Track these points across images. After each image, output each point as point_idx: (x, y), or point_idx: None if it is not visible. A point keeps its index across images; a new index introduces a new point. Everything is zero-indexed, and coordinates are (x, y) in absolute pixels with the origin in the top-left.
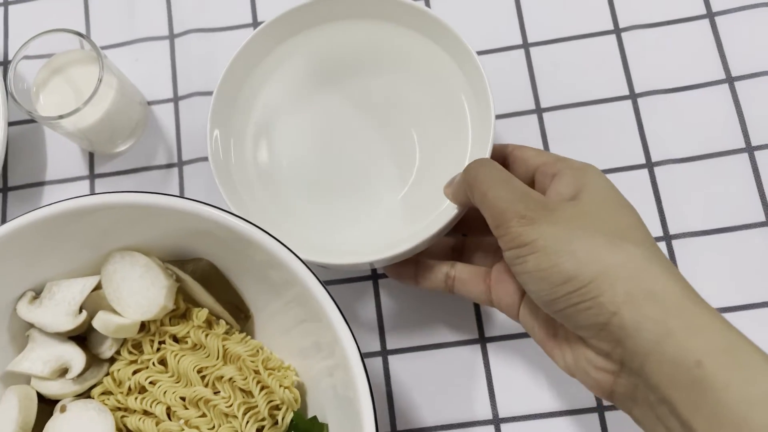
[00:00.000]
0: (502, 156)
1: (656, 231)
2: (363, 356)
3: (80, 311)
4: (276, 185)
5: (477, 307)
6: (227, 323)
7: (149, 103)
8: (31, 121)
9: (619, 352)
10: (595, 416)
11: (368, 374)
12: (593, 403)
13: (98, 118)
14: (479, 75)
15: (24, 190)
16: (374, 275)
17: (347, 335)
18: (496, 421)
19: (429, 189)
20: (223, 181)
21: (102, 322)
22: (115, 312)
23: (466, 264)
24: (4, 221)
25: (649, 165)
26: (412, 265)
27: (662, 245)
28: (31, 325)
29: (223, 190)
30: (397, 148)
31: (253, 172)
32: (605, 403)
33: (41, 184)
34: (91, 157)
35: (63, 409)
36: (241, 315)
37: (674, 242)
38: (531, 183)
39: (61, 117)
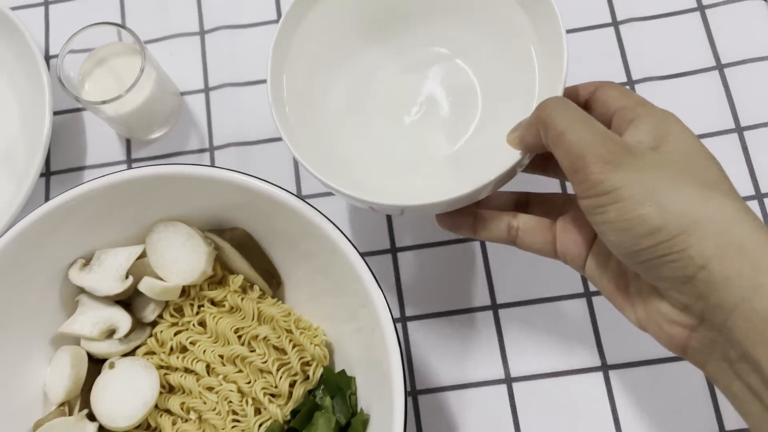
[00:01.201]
0: (576, 97)
1: None
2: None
3: (127, 277)
4: (329, 130)
5: (489, 277)
6: (260, 289)
7: (182, 94)
8: (73, 110)
9: (700, 306)
10: (599, 374)
11: (398, 334)
12: (597, 363)
13: (138, 105)
14: (549, 11)
15: (65, 174)
16: (393, 249)
17: (380, 298)
18: (509, 380)
19: (490, 137)
20: (280, 117)
21: (148, 285)
22: (158, 278)
23: (530, 215)
24: None
25: None
26: (470, 215)
27: None
28: (81, 291)
29: (281, 127)
30: (457, 95)
31: (307, 115)
32: (610, 362)
33: (81, 168)
34: (127, 144)
35: (112, 366)
36: (273, 281)
37: None
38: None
39: (104, 102)
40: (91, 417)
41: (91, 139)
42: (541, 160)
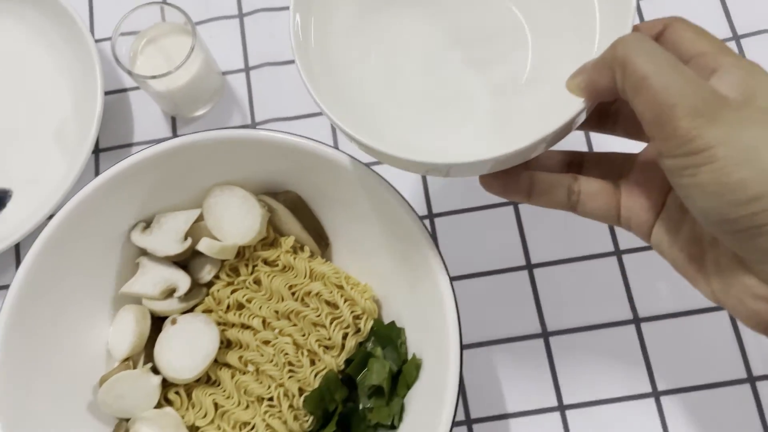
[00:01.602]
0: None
1: None
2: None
3: (185, 239)
4: (358, 82)
5: (522, 236)
6: (310, 250)
7: (224, 73)
8: (119, 91)
9: None
10: (651, 401)
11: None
12: (648, 389)
13: (186, 81)
14: None
15: (114, 151)
16: (430, 214)
17: (436, 255)
18: (546, 334)
19: (542, 86)
20: (305, 67)
21: (207, 244)
22: (215, 239)
23: (592, 177)
24: None
25: None
26: (525, 178)
27: None
28: (141, 253)
29: (306, 77)
30: (501, 39)
31: (339, 66)
32: (662, 389)
33: (129, 145)
34: (173, 121)
35: (174, 322)
36: (322, 242)
37: None
38: None
39: (155, 77)
40: (154, 371)
41: (138, 118)
42: (598, 115)
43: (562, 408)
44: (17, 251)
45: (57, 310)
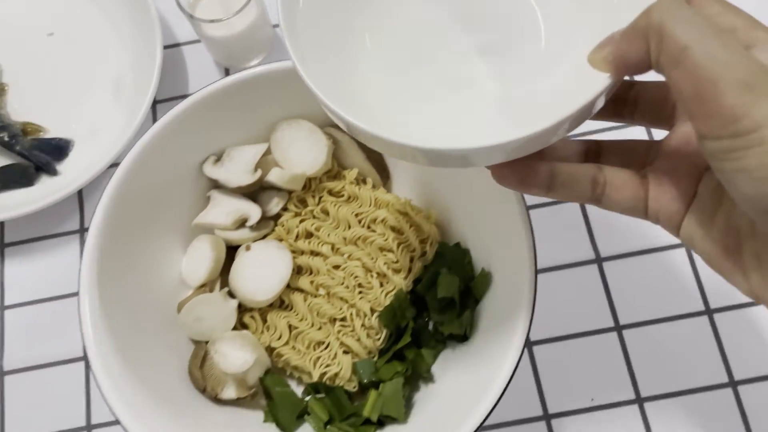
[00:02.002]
0: None
1: None
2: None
3: (255, 170)
4: (353, 62)
5: (588, 226)
6: (373, 181)
7: (274, 26)
8: (173, 45)
9: None
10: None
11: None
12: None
13: (242, 29)
14: None
15: (169, 102)
16: None
17: None
18: (618, 328)
19: (557, 66)
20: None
21: (278, 174)
22: None
23: (617, 167)
24: None
25: None
26: (545, 170)
27: None
28: (212, 187)
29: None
30: (514, 24)
31: (327, 44)
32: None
33: (184, 96)
34: (226, 73)
35: (248, 248)
36: (384, 173)
37: None
38: None
39: (214, 21)
40: (230, 296)
41: (192, 71)
42: (614, 102)
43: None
44: (80, 198)
45: (134, 242)
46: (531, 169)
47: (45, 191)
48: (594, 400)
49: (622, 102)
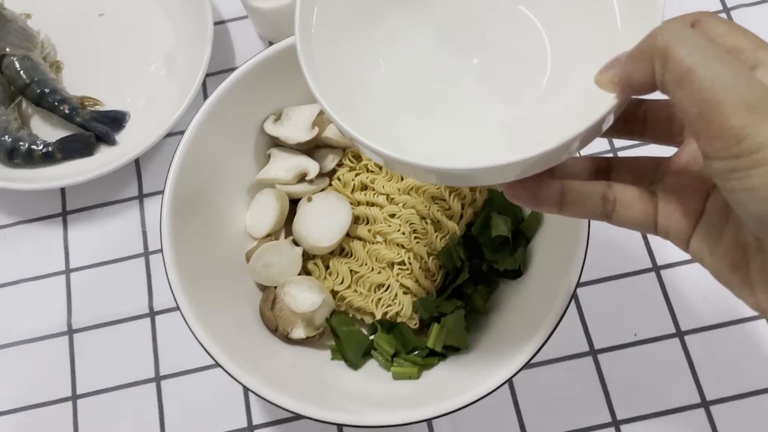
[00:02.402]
0: None
1: None
2: None
3: (312, 127)
4: (362, 81)
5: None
6: None
7: None
8: (220, 23)
9: None
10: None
11: None
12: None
13: (288, 2)
14: None
15: (218, 75)
16: None
17: None
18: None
19: (564, 88)
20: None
21: (336, 129)
22: None
23: (626, 184)
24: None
25: None
26: (556, 187)
27: None
28: (272, 145)
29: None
30: (520, 47)
31: (337, 60)
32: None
33: (233, 69)
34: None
35: (309, 199)
36: None
37: None
38: None
39: None
40: (295, 244)
41: (238, 46)
42: (624, 120)
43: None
44: (138, 166)
45: (203, 201)
46: (542, 187)
47: (104, 160)
48: (637, 335)
49: (631, 120)
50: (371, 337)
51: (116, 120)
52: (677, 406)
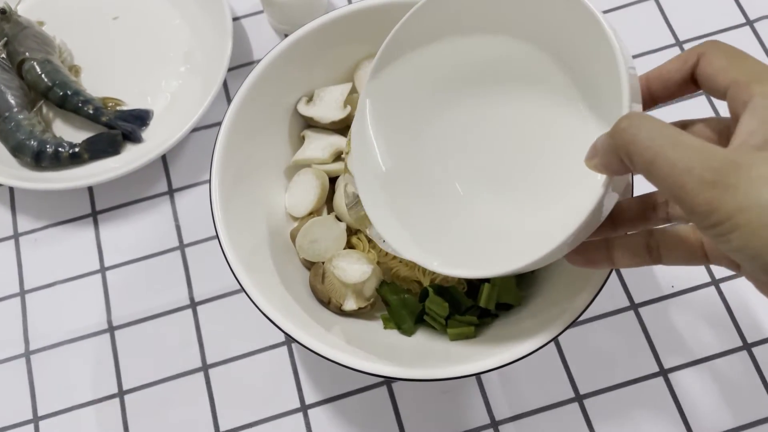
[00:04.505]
0: (676, 75)
1: None
2: None
3: (344, 106)
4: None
5: None
6: None
7: None
8: (234, 19)
9: None
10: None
11: None
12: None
13: None
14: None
15: (237, 69)
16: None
17: None
18: None
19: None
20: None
21: None
22: None
23: (666, 226)
24: (227, 97)
25: None
26: (602, 247)
27: None
28: (305, 126)
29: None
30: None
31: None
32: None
33: (250, 63)
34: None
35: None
36: None
37: None
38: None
39: None
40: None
41: (254, 40)
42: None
43: None
44: (165, 162)
45: (245, 186)
46: (592, 248)
47: (130, 158)
48: (674, 287)
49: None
50: (422, 304)
51: (141, 118)
52: (720, 351)
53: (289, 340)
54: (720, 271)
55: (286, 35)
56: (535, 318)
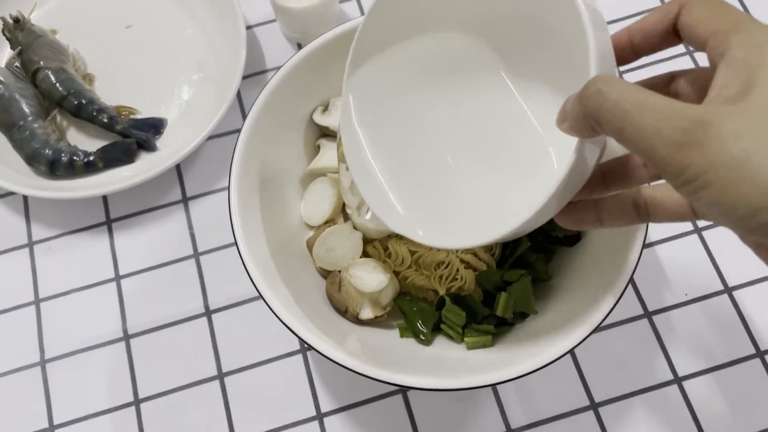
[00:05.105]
0: (657, 26)
1: None
2: None
3: None
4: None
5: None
6: None
7: (340, 2)
8: (247, 27)
9: None
10: None
11: None
12: None
13: (318, 2)
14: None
15: (251, 78)
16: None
17: None
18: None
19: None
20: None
21: None
22: None
23: (655, 184)
24: (240, 106)
25: None
26: (591, 207)
27: None
28: (321, 136)
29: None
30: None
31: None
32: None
33: (264, 72)
34: (298, 47)
35: None
36: None
37: None
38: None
39: None
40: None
41: (267, 49)
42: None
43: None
44: (179, 171)
45: (263, 196)
46: (581, 208)
47: (144, 167)
48: (687, 295)
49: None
50: (438, 313)
51: (155, 126)
52: (733, 359)
53: (305, 348)
54: (733, 279)
55: (298, 44)
56: (552, 327)
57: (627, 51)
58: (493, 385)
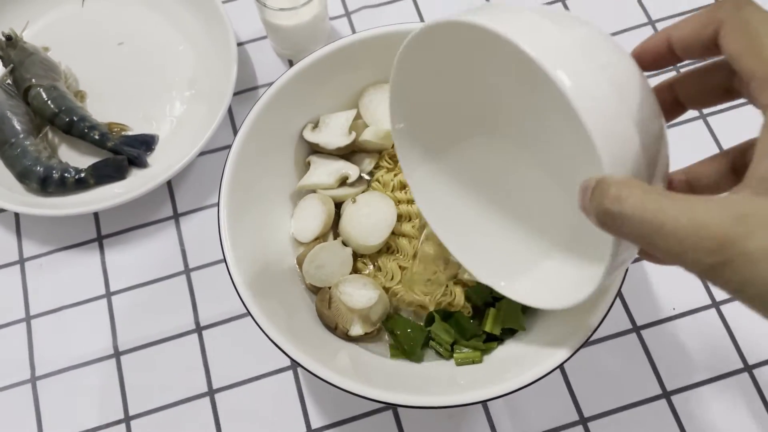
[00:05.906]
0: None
1: None
2: None
3: (349, 133)
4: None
5: None
6: None
7: (330, 19)
8: (239, 44)
9: None
10: None
11: None
12: None
13: (308, 19)
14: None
15: (244, 94)
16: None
17: None
18: None
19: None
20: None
21: (373, 131)
22: None
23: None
24: (232, 122)
25: None
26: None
27: None
28: (311, 152)
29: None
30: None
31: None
32: None
33: (255, 88)
34: (290, 64)
35: (354, 200)
36: None
37: None
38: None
39: (282, 9)
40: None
41: (258, 65)
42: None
43: None
44: (170, 187)
45: (251, 212)
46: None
47: (136, 183)
48: (675, 309)
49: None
50: (428, 329)
51: (146, 143)
52: (721, 373)
53: (295, 364)
54: (720, 294)
55: (289, 60)
56: (541, 343)
57: (666, 56)
58: (483, 402)
